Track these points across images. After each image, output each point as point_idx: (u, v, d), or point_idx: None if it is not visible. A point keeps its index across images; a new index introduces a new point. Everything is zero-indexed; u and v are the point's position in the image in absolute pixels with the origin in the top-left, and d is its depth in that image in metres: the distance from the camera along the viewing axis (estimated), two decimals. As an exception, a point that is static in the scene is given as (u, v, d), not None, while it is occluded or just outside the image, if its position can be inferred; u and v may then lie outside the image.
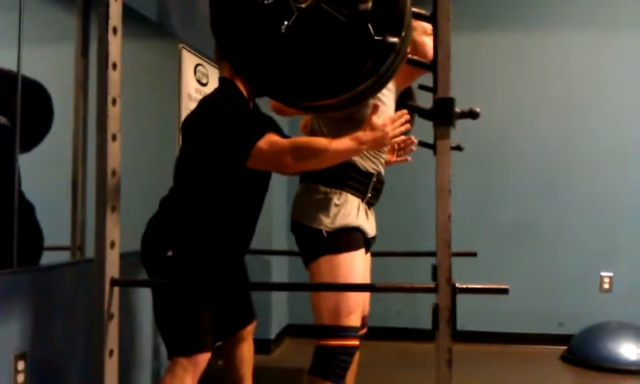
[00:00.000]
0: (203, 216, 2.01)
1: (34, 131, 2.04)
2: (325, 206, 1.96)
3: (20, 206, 1.93)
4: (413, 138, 2.34)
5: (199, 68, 3.04)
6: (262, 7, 1.40)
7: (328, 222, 1.94)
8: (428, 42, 2.08)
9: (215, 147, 1.91)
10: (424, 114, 1.46)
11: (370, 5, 1.38)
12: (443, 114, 1.41)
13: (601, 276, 4.27)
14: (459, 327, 1.42)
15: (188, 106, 2.90)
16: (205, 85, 3.09)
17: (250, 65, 1.49)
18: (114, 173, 1.59)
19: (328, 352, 1.90)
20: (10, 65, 1.91)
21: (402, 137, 2.04)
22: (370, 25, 1.38)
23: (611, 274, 4.26)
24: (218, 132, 1.88)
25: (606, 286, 4.26)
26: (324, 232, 1.93)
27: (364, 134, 1.81)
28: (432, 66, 1.47)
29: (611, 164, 4.28)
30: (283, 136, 1.95)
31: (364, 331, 2.30)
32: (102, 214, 1.57)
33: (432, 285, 1.44)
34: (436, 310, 1.42)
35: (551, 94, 4.37)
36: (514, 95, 4.41)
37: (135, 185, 2.24)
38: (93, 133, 1.68)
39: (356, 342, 1.94)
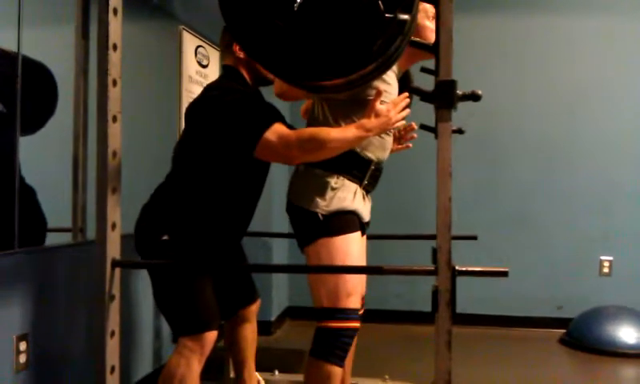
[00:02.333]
0: (201, 201, 2.00)
1: (36, 114, 2.03)
2: (321, 189, 1.95)
3: (21, 190, 1.93)
4: (414, 124, 2.33)
5: (200, 49, 3.02)
6: None
7: (324, 205, 1.93)
8: (430, 26, 2.07)
9: (221, 136, 1.89)
10: (426, 96, 1.46)
11: None
12: (445, 97, 1.41)
13: (600, 260, 4.28)
14: (459, 310, 1.42)
15: (189, 87, 2.90)
16: (205, 66, 3.08)
17: (260, 44, 1.47)
18: (114, 154, 1.59)
19: (329, 334, 1.90)
20: (9, 46, 1.90)
21: (403, 122, 2.04)
22: (380, 2, 1.35)
23: (611, 258, 4.27)
24: (224, 121, 1.87)
25: (606, 270, 4.27)
26: (320, 215, 1.92)
27: (368, 121, 1.80)
28: (434, 49, 1.46)
29: (611, 149, 4.27)
30: (288, 126, 1.94)
31: (361, 312, 2.31)
32: (103, 195, 1.57)
33: (432, 267, 1.45)
34: (436, 293, 1.43)
35: (553, 78, 4.34)
36: (515, 80, 4.39)
37: (137, 166, 2.24)
38: (93, 114, 1.67)
39: (357, 324, 1.94)
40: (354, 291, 1.94)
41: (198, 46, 3.00)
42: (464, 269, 1.43)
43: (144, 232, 1.99)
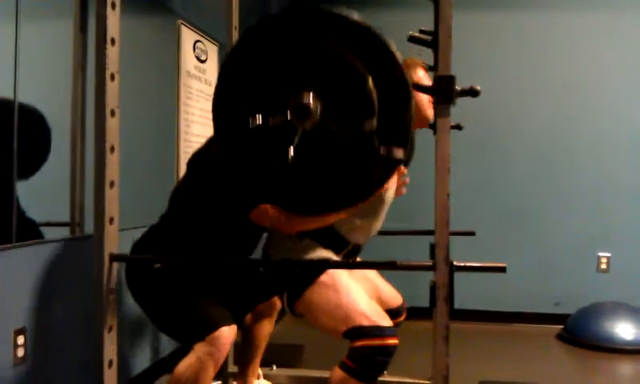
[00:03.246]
0: (196, 244, 1.99)
1: (30, 159, 2.01)
2: (296, 249, 2.01)
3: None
4: (407, 179, 2.35)
5: (198, 44, 3.01)
6: (266, 130, 1.37)
7: (298, 256, 1.99)
8: (424, 100, 2.16)
9: (219, 193, 1.90)
10: (425, 91, 1.46)
11: (374, 122, 1.36)
12: (444, 92, 1.41)
13: (598, 256, 4.29)
14: (457, 306, 1.42)
15: (187, 82, 2.89)
16: (204, 61, 3.07)
17: (258, 183, 1.47)
18: (112, 149, 1.59)
19: (366, 353, 1.86)
20: (7, 43, 1.89)
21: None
22: (375, 140, 1.36)
23: (609, 255, 4.27)
24: (224, 178, 1.87)
25: (604, 266, 4.28)
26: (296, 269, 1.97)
27: None
28: (433, 44, 1.46)
29: (610, 145, 4.27)
30: None
31: (403, 317, 2.33)
32: (101, 190, 1.56)
33: (430, 263, 1.45)
34: (434, 288, 1.43)
35: (552, 75, 4.34)
36: (514, 76, 4.39)
37: (134, 161, 2.24)
38: (92, 109, 1.67)
39: (394, 341, 1.90)
40: (369, 308, 1.94)
41: (197, 41, 2.99)
42: (462, 264, 1.44)
43: (138, 265, 1.97)
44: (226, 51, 2.91)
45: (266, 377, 2.64)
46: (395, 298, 2.40)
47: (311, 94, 1.34)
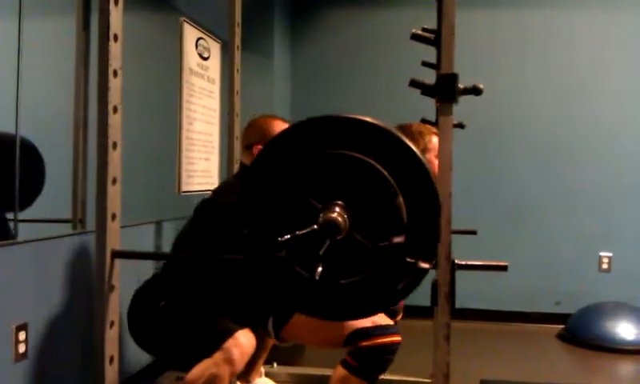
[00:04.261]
0: (200, 285, 1.98)
1: (25, 193, 2.01)
2: None
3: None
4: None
5: (201, 42, 3.00)
6: (294, 239, 1.35)
7: None
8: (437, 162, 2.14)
9: (221, 242, 1.90)
10: (427, 90, 1.45)
11: (403, 238, 1.35)
12: (446, 90, 1.41)
13: (600, 256, 4.28)
14: (458, 305, 1.42)
15: (190, 79, 2.89)
16: (206, 59, 3.07)
17: (286, 293, 1.46)
18: (115, 145, 1.59)
19: (371, 352, 1.87)
20: (10, 40, 1.89)
21: None
22: (403, 254, 1.35)
23: (610, 255, 4.27)
24: (227, 228, 1.87)
25: (605, 266, 4.27)
26: None
27: None
28: (436, 42, 1.46)
29: (612, 144, 4.27)
30: None
31: (400, 316, 2.33)
32: (103, 186, 1.56)
33: (432, 261, 1.44)
34: (435, 286, 1.43)
35: (554, 73, 4.34)
36: (516, 74, 4.38)
37: (137, 157, 2.24)
38: (94, 105, 1.67)
39: (397, 338, 1.91)
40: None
41: (199, 38, 2.99)
42: (463, 263, 1.44)
43: (140, 304, 1.97)
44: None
45: (267, 374, 2.64)
46: None
47: (338, 208, 1.32)
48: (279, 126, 1.99)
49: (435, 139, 2.20)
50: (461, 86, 1.42)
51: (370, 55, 4.56)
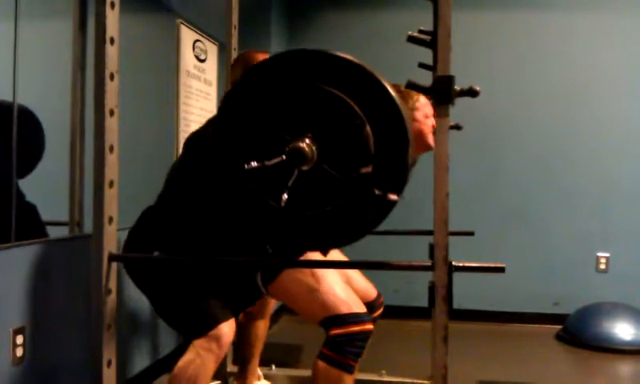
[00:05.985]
0: (195, 224, 1.97)
1: (25, 159, 2.01)
2: None
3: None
4: None
5: (197, 44, 3.01)
6: (263, 170, 1.39)
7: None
8: (427, 123, 2.17)
9: (210, 175, 1.88)
10: (423, 91, 1.46)
11: (370, 168, 1.37)
12: (443, 92, 1.41)
13: (597, 256, 4.29)
14: (456, 306, 1.43)
15: (187, 82, 2.89)
16: (203, 61, 3.07)
17: (254, 223, 1.48)
18: (111, 148, 1.59)
19: (341, 339, 1.88)
20: (6, 42, 1.89)
21: None
22: (372, 185, 1.37)
23: (607, 255, 4.28)
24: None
25: (602, 266, 4.28)
26: (268, 248, 1.90)
27: None
28: (432, 44, 1.46)
29: (609, 146, 4.28)
30: None
31: (379, 312, 2.32)
32: (100, 189, 1.56)
33: (429, 263, 1.45)
34: (432, 288, 1.43)
35: (552, 76, 4.34)
36: (514, 76, 4.39)
37: (133, 160, 2.24)
38: (91, 108, 1.66)
39: (370, 326, 1.92)
40: (345, 294, 1.94)
41: (196, 41, 2.99)
42: (460, 264, 1.44)
43: (135, 250, 1.96)
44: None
45: (265, 377, 2.64)
46: (369, 291, 2.34)
47: (307, 139, 1.35)
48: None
49: (424, 99, 2.21)
50: (457, 87, 1.42)
51: (366, 57, 4.46)
